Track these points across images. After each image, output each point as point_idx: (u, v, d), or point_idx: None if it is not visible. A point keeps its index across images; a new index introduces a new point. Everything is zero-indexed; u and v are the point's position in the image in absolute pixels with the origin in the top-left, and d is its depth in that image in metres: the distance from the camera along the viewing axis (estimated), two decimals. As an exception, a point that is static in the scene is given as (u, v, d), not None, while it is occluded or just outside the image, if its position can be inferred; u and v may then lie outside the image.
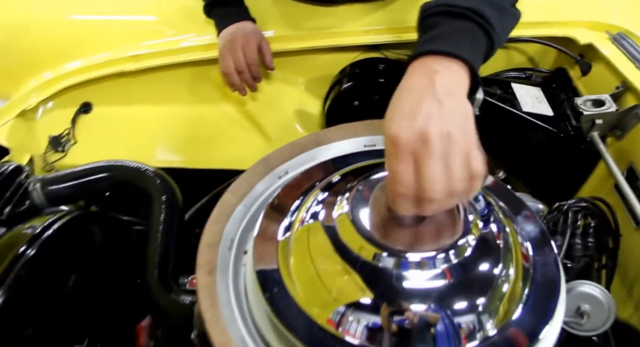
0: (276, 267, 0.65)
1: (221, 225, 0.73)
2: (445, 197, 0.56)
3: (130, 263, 1.05)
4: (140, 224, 1.12)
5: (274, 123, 1.31)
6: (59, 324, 0.87)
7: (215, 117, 1.31)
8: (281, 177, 0.83)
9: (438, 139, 0.56)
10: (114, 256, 1.02)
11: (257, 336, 0.63)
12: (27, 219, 0.94)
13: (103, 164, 0.99)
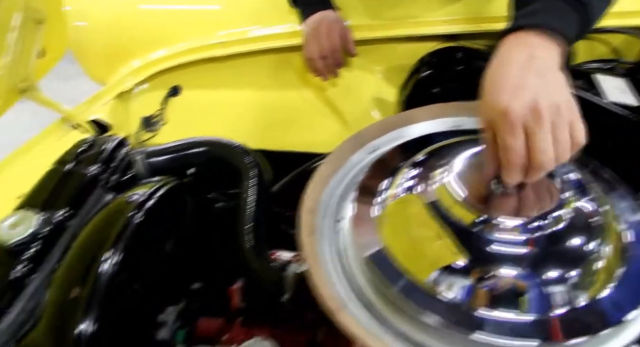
0: (374, 233, 0.69)
1: (318, 193, 0.78)
2: (552, 165, 0.59)
3: (214, 235, 1.12)
4: (222, 202, 1.19)
5: (351, 109, 1.35)
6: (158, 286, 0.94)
7: (296, 103, 1.37)
8: (371, 153, 0.87)
9: (548, 111, 0.58)
10: (202, 227, 1.09)
11: (356, 293, 0.67)
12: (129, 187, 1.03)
13: (200, 139, 1.07)
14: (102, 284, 0.78)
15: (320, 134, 1.33)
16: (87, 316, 0.75)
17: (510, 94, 0.60)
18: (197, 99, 1.39)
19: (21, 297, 0.80)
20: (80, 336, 0.73)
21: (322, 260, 0.70)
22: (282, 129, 1.34)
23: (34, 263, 0.84)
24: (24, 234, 0.84)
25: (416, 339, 0.61)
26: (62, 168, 1.01)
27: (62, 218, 0.91)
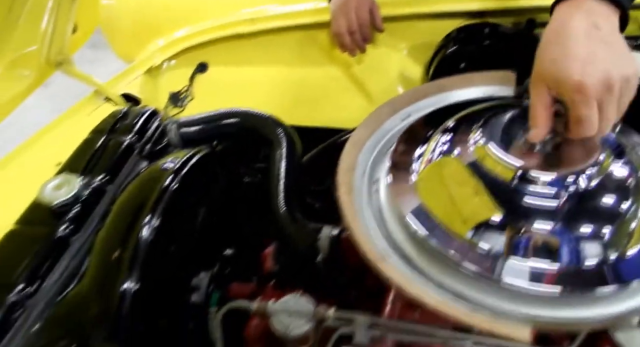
0: (412, 192, 0.71)
1: (354, 155, 0.80)
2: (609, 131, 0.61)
3: (241, 208, 1.15)
4: (250, 176, 1.22)
5: (377, 86, 1.36)
6: (192, 251, 0.97)
7: (322, 79, 1.38)
8: (404, 120, 0.88)
9: (619, 85, 0.59)
10: (231, 198, 1.12)
11: (395, 248, 0.69)
12: (162, 156, 1.06)
13: (232, 110, 1.09)
14: (142, 247, 0.80)
15: (345, 110, 1.34)
16: (131, 276, 0.77)
17: (581, 68, 0.60)
18: (223, 76, 1.41)
19: (65, 256, 0.84)
20: (124, 293, 0.76)
21: (360, 217, 0.72)
22: (307, 106, 1.36)
23: (76, 224, 0.87)
24: (67, 196, 0.87)
25: (454, 289, 0.63)
26: (99, 137, 1.04)
27: (101, 183, 0.94)
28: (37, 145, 1.10)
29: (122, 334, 0.75)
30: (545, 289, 0.60)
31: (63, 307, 0.78)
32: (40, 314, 0.77)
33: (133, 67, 1.36)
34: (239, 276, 0.97)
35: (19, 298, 0.76)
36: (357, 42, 1.22)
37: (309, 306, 0.73)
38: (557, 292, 0.59)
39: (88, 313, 0.77)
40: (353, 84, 1.38)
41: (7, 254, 0.83)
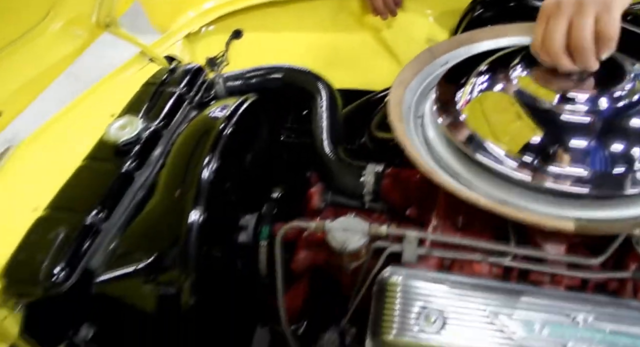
0: (457, 122, 0.79)
1: (401, 92, 0.87)
2: (589, 47, 0.68)
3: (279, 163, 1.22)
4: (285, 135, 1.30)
5: (405, 50, 1.42)
6: (241, 191, 1.04)
7: (352, 44, 1.45)
8: (443, 66, 0.95)
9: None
10: (272, 146, 1.20)
11: (444, 168, 0.76)
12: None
13: (276, 65, 1.16)
14: (204, 185, 0.88)
15: (375, 74, 1.41)
16: (196, 209, 0.85)
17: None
18: (257, 42, 1.47)
19: (131, 188, 0.91)
20: (192, 224, 0.83)
21: (412, 142, 0.79)
22: (339, 69, 1.42)
23: (138, 161, 0.94)
24: (130, 135, 0.94)
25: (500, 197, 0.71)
26: (152, 88, 1.11)
27: (157, 127, 1.01)
28: (91, 99, 1.17)
29: (190, 260, 0.82)
30: (581, 190, 0.67)
31: (135, 231, 0.86)
32: (115, 235, 0.84)
33: (172, 33, 1.43)
34: (285, 216, 1.04)
35: (94, 221, 0.83)
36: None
37: (363, 224, 0.80)
38: (592, 194, 0.66)
39: (158, 238, 0.84)
40: (382, 49, 1.45)
41: (79, 185, 0.90)
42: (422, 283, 0.74)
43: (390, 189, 0.94)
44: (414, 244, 0.79)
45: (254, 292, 1.08)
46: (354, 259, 0.81)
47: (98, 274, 0.81)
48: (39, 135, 1.07)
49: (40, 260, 0.77)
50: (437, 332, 0.70)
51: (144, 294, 0.82)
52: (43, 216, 0.85)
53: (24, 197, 0.95)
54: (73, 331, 0.81)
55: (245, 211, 1.06)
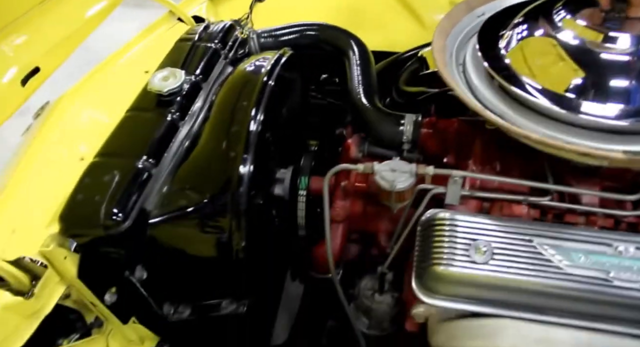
0: (502, 64, 0.81)
1: (442, 40, 0.89)
2: None
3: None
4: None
5: (428, 13, 1.44)
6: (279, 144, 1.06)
7: (376, 5, 1.46)
8: (479, 16, 0.97)
9: None
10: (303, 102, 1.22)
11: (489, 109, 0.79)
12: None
13: (309, 22, 1.17)
14: (252, 138, 0.90)
15: (398, 35, 1.43)
16: (246, 159, 0.87)
17: None
18: (279, 4, 1.49)
19: (177, 137, 0.93)
20: (243, 174, 0.86)
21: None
22: (362, 31, 1.43)
23: (181, 112, 0.96)
24: (174, 85, 0.96)
25: (545, 134, 0.74)
26: (187, 43, 1.12)
27: (197, 80, 1.03)
28: (124, 56, 1.19)
29: (242, 208, 0.85)
30: (624, 124, 0.71)
31: (184, 176, 0.88)
32: (165, 180, 0.87)
33: (198, -6, 1.43)
34: (320, 170, 1.07)
35: (145, 166, 0.85)
36: None
37: (410, 165, 0.82)
38: (636, 128, 0.70)
39: (208, 184, 0.87)
40: (405, 10, 1.46)
41: (126, 133, 0.92)
42: (469, 217, 0.77)
43: (428, 137, 0.96)
44: (459, 185, 0.82)
45: (286, 242, 1.11)
46: (401, 199, 0.84)
47: (153, 215, 0.83)
48: (77, 91, 1.09)
49: (98, 201, 0.80)
50: (487, 263, 0.74)
51: (195, 237, 0.85)
52: (96, 161, 0.87)
53: (69, 148, 0.98)
54: (129, 271, 0.84)
55: (280, 165, 1.08)
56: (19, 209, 0.86)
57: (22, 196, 0.88)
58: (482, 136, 0.93)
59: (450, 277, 0.75)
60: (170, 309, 0.92)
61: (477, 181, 0.88)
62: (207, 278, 0.90)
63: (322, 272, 1.05)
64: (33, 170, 0.92)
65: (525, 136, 0.70)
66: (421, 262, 0.80)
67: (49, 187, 0.89)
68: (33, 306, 0.78)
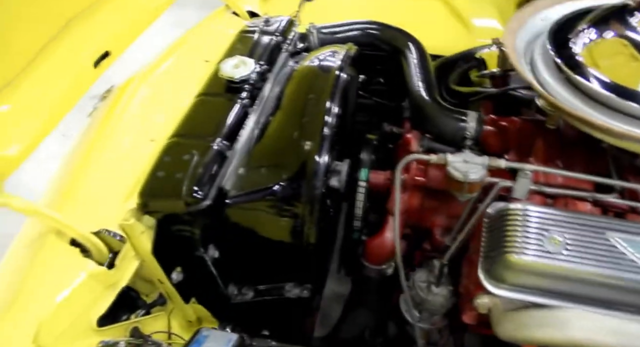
0: (574, 61, 0.84)
1: (512, 39, 0.92)
2: None
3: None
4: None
5: (475, 16, 1.47)
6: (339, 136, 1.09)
7: (424, 8, 1.49)
8: (543, 20, 1.00)
9: None
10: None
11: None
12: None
13: (370, 21, 1.20)
14: (329, 129, 0.92)
15: (444, 38, 1.46)
16: (322, 150, 0.89)
17: None
18: (328, 4, 1.52)
19: (248, 122, 0.95)
20: (319, 164, 0.88)
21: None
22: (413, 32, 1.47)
23: (250, 99, 0.99)
24: (245, 72, 0.99)
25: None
26: (250, 35, 1.15)
27: (263, 70, 1.05)
28: (184, 45, 1.21)
29: (317, 196, 0.87)
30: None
31: (259, 160, 0.90)
32: (240, 162, 0.89)
33: (250, -9, 1.47)
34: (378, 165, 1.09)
35: (221, 147, 0.88)
36: None
37: (482, 157, 0.85)
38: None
39: (283, 169, 0.88)
40: (452, 15, 1.49)
41: (199, 116, 0.95)
42: (541, 209, 0.80)
43: (489, 135, 0.99)
44: (528, 179, 0.85)
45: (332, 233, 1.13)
46: (472, 190, 0.86)
47: (230, 195, 0.85)
48: (143, 76, 1.11)
49: (180, 178, 0.82)
50: (560, 253, 0.76)
51: (269, 219, 0.87)
52: (173, 141, 0.89)
53: (139, 129, 1.00)
54: (203, 249, 0.86)
55: (337, 157, 1.11)
56: (96, 185, 0.88)
57: (98, 174, 0.90)
58: (544, 135, 0.96)
59: (523, 266, 0.77)
60: (234, 290, 0.94)
61: (540, 178, 0.90)
62: (275, 261, 0.92)
63: (375, 264, 1.07)
64: (107, 150, 0.95)
65: (606, 129, 0.73)
66: (490, 251, 0.82)
67: (122, 166, 0.91)
68: (113, 277, 0.80)
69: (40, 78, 0.87)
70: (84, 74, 0.97)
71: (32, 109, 0.84)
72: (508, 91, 1.06)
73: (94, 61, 1.01)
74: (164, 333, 0.88)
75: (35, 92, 0.85)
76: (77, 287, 0.75)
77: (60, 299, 0.73)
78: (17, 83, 0.83)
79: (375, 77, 1.47)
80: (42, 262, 0.76)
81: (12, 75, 0.82)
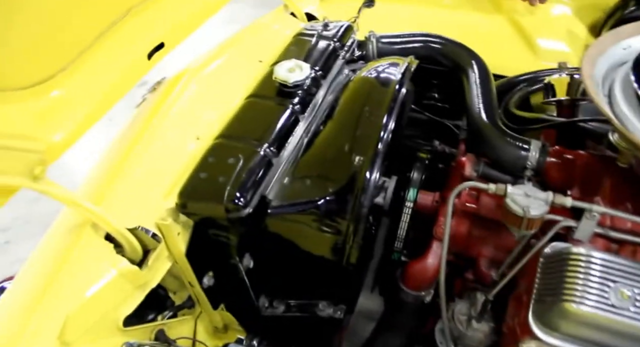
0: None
1: (590, 67, 0.85)
2: None
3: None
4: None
5: (543, 38, 1.40)
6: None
7: (489, 27, 1.43)
8: (625, 49, 0.92)
9: None
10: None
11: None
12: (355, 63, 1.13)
13: (434, 34, 1.15)
14: (383, 146, 0.87)
15: (508, 59, 1.39)
16: (374, 167, 0.84)
17: None
18: (388, 12, 1.47)
19: (297, 130, 0.91)
20: (369, 181, 0.83)
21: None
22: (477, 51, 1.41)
23: (302, 105, 0.95)
24: (300, 77, 0.95)
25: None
26: (308, 38, 1.11)
27: (317, 76, 1.01)
28: (239, 44, 1.19)
29: (363, 214, 0.83)
30: None
31: (306, 171, 0.86)
32: (286, 171, 0.85)
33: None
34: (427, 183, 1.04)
35: (267, 154, 0.84)
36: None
37: (546, 192, 0.78)
38: None
39: (330, 184, 0.84)
40: (519, 35, 1.42)
41: (248, 118, 0.92)
42: (608, 257, 0.73)
43: (552, 167, 0.92)
44: (595, 221, 0.78)
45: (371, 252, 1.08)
46: (530, 226, 0.80)
47: (272, 205, 0.81)
48: (195, 72, 1.09)
49: (222, 182, 0.79)
50: (628, 309, 0.69)
51: (311, 233, 0.83)
52: (219, 142, 0.86)
53: (186, 126, 0.97)
54: (239, 258, 0.82)
55: (385, 173, 1.06)
56: (137, 180, 0.86)
57: (140, 167, 0.88)
58: (613, 173, 0.88)
59: (581, 317, 0.70)
60: (266, 302, 0.90)
61: (606, 220, 0.83)
62: (311, 277, 0.88)
63: (414, 289, 1.01)
64: (151, 144, 0.92)
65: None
66: (544, 296, 0.75)
67: (165, 162, 0.89)
68: (144, 277, 0.77)
69: (94, 66, 0.85)
70: (137, 65, 0.96)
71: (82, 97, 0.82)
72: (577, 122, 0.99)
73: (148, 52, 1.00)
74: (189, 339, 0.85)
75: (87, 80, 0.83)
76: (107, 284, 0.72)
77: (89, 295, 0.71)
78: (71, 69, 0.82)
79: (430, 92, 1.42)
80: (76, 254, 0.74)
81: (67, 61, 0.81)
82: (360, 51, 1.16)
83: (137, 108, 1.07)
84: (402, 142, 1.14)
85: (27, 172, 0.69)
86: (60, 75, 0.80)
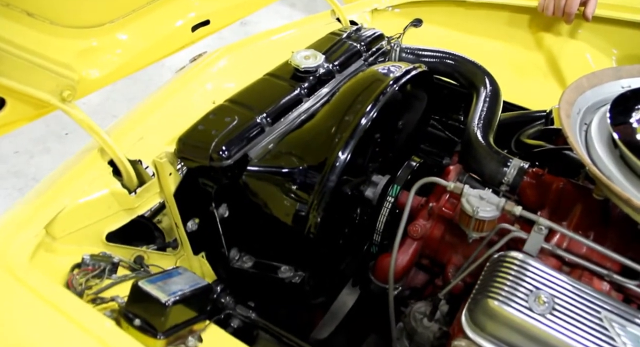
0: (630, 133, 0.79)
1: (574, 96, 0.88)
2: None
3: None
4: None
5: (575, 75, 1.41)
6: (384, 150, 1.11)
7: (522, 59, 1.47)
8: (624, 87, 0.95)
9: None
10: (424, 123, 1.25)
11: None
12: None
13: (453, 52, 1.22)
14: (359, 131, 0.94)
15: (537, 93, 1.41)
16: (346, 148, 0.92)
17: None
18: (432, 35, 1.54)
19: (298, 108, 1.02)
20: (338, 160, 0.91)
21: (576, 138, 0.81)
22: (502, 79, 1.44)
23: (309, 90, 1.05)
24: (312, 64, 1.05)
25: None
26: (337, 37, 1.22)
27: (332, 69, 1.11)
28: (279, 35, 1.32)
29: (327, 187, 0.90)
30: None
31: (290, 143, 0.96)
32: (273, 139, 0.96)
33: (363, 3, 1.54)
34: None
35: (261, 122, 0.95)
36: (558, 8, 1.29)
37: (500, 198, 0.83)
38: None
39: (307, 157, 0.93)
40: (551, 69, 1.45)
41: (257, 91, 1.03)
42: (541, 266, 0.76)
43: (528, 187, 0.95)
44: (542, 235, 0.81)
45: (359, 246, 1.14)
46: (479, 228, 0.84)
47: (251, 164, 0.92)
48: (230, 50, 1.23)
49: (213, 135, 0.90)
50: (542, 315, 0.71)
51: (279, 197, 0.92)
52: (224, 104, 0.98)
53: (207, 91, 1.11)
54: (216, 205, 0.93)
55: (380, 171, 1.13)
56: (152, 125, 0.99)
57: (158, 116, 1.02)
58: (585, 203, 0.90)
59: (501, 316, 0.73)
60: (236, 255, 1.00)
61: (564, 241, 0.85)
62: (276, 238, 0.96)
63: (382, 281, 1.07)
64: (173, 100, 1.06)
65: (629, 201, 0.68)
66: (476, 294, 0.79)
67: (180, 116, 1.01)
68: (132, 203, 0.90)
69: (139, 25, 1.01)
70: (179, 34, 1.10)
71: (121, 49, 0.98)
72: (562, 150, 1.01)
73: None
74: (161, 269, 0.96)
75: (129, 36, 0.99)
76: (98, 197, 0.85)
77: (81, 202, 0.84)
78: (119, 23, 0.97)
79: (456, 114, 1.47)
80: (80, 168, 0.88)
81: (118, 15, 0.96)
82: (382, 58, 1.24)
83: (176, 73, 1.22)
84: (406, 148, 1.20)
85: (57, 93, 0.85)
86: (108, 26, 0.96)
